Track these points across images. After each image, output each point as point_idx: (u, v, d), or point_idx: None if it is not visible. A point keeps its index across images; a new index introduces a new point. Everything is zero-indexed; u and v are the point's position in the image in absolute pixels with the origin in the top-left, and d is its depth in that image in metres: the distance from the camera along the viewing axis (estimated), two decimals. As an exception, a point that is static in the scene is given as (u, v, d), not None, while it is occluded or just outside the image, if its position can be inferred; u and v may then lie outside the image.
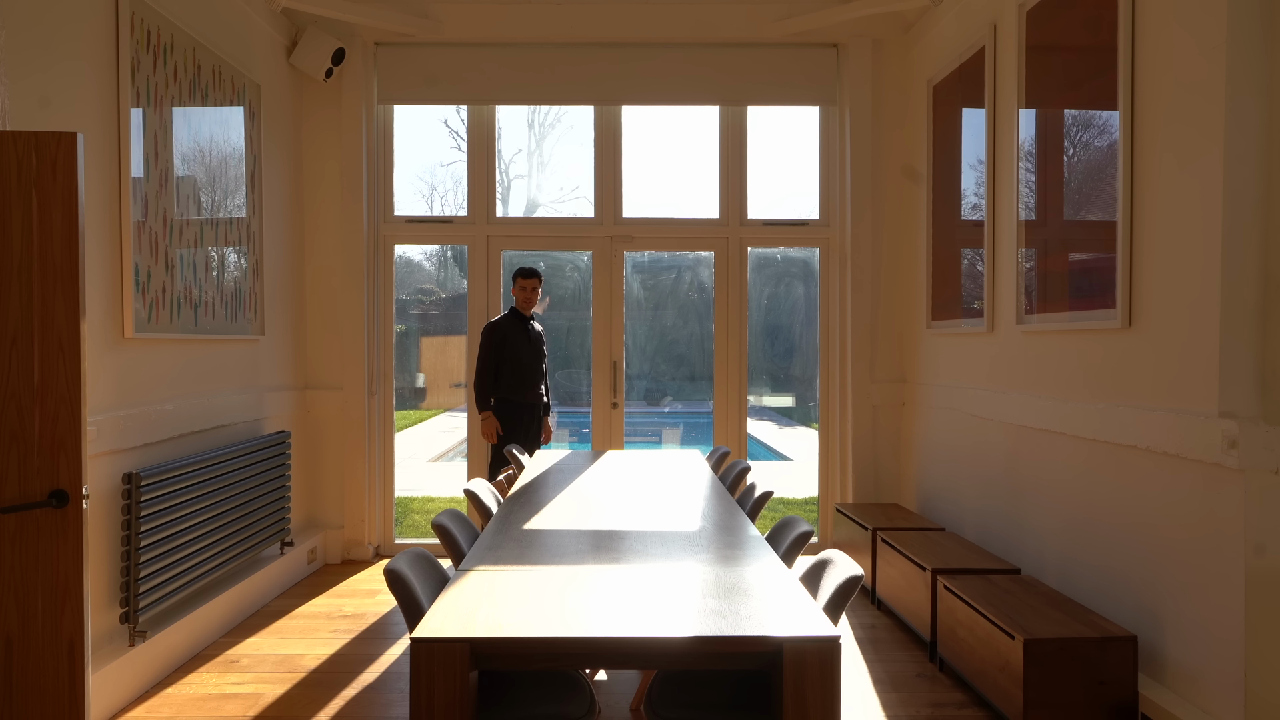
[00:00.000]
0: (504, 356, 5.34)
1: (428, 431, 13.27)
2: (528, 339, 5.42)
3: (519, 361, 5.36)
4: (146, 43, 3.81)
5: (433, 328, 10.10)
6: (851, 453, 5.95)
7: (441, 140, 6.68)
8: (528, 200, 7.18)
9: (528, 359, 5.39)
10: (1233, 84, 2.85)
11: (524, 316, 5.48)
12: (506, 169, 7.32)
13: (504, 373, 5.34)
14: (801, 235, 6.15)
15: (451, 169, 6.85)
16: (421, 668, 2.04)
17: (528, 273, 5.42)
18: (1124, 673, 3.18)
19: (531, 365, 5.41)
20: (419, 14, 5.72)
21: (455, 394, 10.15)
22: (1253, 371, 2.87)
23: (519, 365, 5.36)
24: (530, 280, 5.42)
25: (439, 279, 9.87)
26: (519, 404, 5.38)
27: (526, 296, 5.43)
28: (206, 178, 4.39)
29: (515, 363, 5.35)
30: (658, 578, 2.53)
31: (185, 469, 3.94)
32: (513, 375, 5.35)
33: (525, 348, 5.39)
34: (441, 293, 9.69)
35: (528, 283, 5.42)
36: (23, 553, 2.51)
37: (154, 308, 3.87)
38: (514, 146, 7.41)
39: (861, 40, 5.83)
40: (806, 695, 2.04)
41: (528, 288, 5.42)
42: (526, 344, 5.40)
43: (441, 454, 11.55)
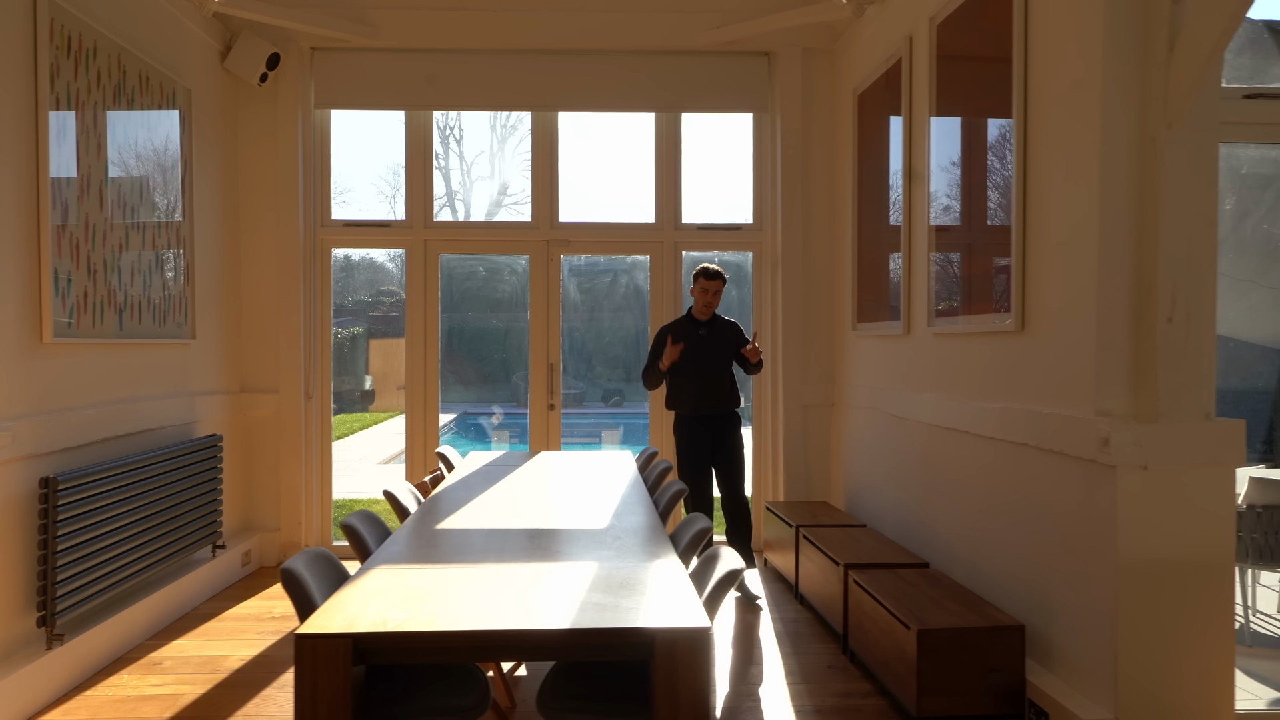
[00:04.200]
0: (673, 365, 4.99)
1: (382, 433, 13.26)
2: (700, 343, 5.02)
3: (689, 365, 4.98)
4: (67, 48, 3.83)
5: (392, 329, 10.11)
6: (783, 452, 6.08)
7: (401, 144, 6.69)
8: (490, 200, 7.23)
9: (701, 363, 4.98)
10: (1106, 100, 3.00)
11: (698, 321, 5.09)
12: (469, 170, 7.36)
13: (671, 383, 5.07)
14: (735, 240, 6.28)
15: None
16: (305, 663, 2.11)
17: (711, 274, 5.01)
18: (1013, 660, 3.33)
19: (701, 369, 4.98)
20: (356, 20, 5.76)
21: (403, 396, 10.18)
22: (1126, 373, 3.03)
23: (687, 373, 4.99)
24: (714, 282, 5.00)
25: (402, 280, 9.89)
26: (687, 419, 5.06)
27: (708, 300, 5.02)
28: (134, 182, 4.41)
29: (683, 367, 4.99)
30: (553, 575, 2.62)
31: (106, 473, 3.96)
32: (681, 385, 5.03)
33: (697, 351, 4.99)
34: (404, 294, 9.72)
35: (710, 285, 5.00)
36: (-78, 556, 2.54)
37: (75, 312, 3.89)
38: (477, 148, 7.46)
39: (792, 49, 5.96)
40: (678, 683, 2.15)
41: (709, 290, 5.00)
42: (698, 347, 5.00)
43: (393, 456, 11.55)
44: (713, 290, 5.00)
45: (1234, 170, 3.44)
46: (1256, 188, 3.90)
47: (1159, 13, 2.91)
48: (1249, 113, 3.18)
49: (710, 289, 5.00)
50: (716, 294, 5.02)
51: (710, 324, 5.10)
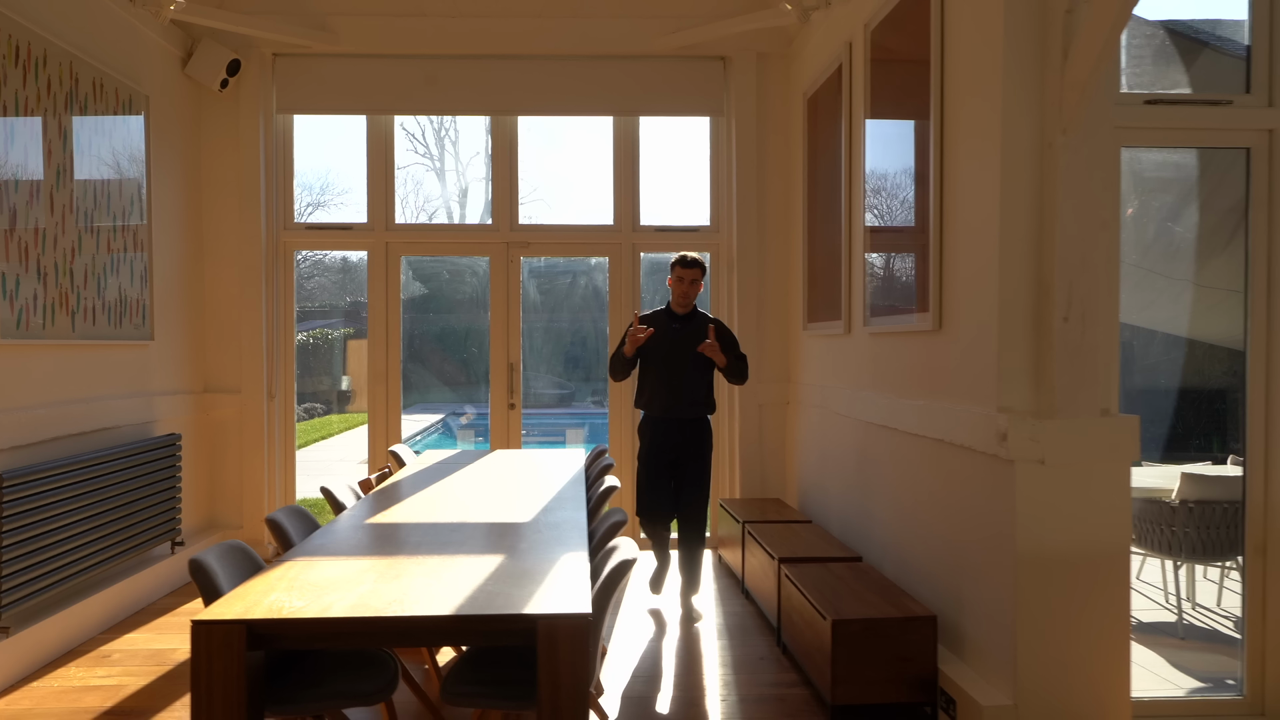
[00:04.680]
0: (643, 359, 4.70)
1: (364, 434, 13.35)
2: (673, 336, 4.64)
3: (658, 360, 4.66)
4: (15, 57, 3.94)
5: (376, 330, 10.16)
6: (739, 450, 6.18)
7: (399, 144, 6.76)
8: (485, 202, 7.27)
9: (671, 359, 4.63)
10: (1007, 107, 3.10)
11: (675, 314, 4.72)
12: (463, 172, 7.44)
13: (641, 379, 4.77)
14: (693, 241, 6.37)
15: (410, 171, 6.97)
16: (201, 648, 2.21)
17: (688, 261, 4.64)
18: (925, 650, 3.42)
19: (673, 367, 4.64)
20: (316, 26, 5.87)
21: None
22: (1027, 371, 3.13)
23: (656, 371, 4.68)
24: (690, 270, 4.62)
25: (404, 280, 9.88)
26: (653, 421, 4.74)
27: (684, 290, 4.65)
28: (89, 187, 4.52)
29: (654, 364, 4.68)
30: (460, 566, 2.72)
31: (56, 470, 4.07)
32: (649, 383, 4.71)
33: (669, 346, 4.63)
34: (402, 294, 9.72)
35: (686, 273, 4.62)
36: None
37: (24, 314, 3.99)
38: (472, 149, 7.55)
39: (746, 54, 6.07)
40: (559, 665, 2.25)
41: (686, 279, 4.63)
42: (669, 343, 4.64)
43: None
44: (689, 279, 4.61)
45: (1137, 174, 3.54)
46: (1161, 190, 4.00)
47: (1055, 22, 3.01)
48: (1150, 118, 3.28)
49: (687, 277, 4.61)
50: (694, 283, 4.63)
51: (688, 319, 4.70)
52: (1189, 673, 3.81)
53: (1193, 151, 3.49)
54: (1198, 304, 4.97)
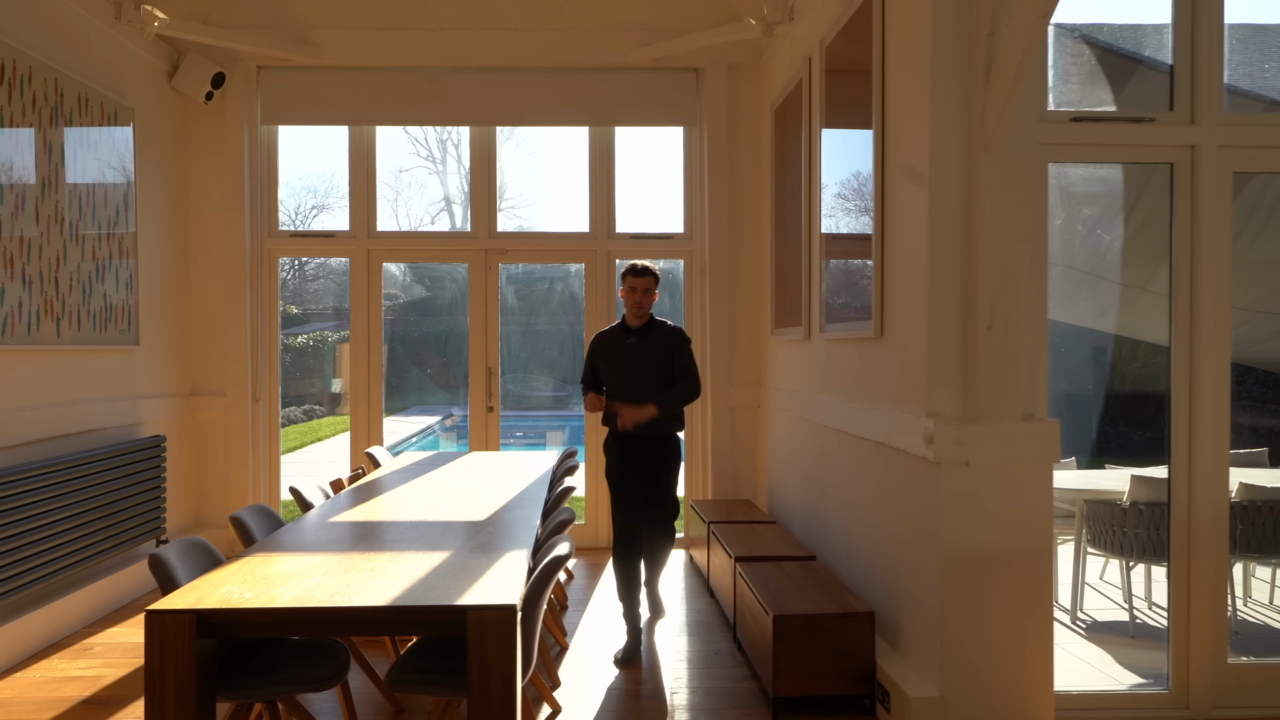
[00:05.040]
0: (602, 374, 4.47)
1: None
2: (629, 353, 4.37)
3: (615, 381, 4.39)
4: (0, 74, 4.12)
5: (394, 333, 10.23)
6: (711, 452, 6.34)
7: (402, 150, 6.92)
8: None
9: (627, 378, 4.34)
10: (935, 124, 3.25)
11: (629, 328, 4.42)
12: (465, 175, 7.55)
13: (607, 397, 4.43)
14: (667, 248, 6.53)
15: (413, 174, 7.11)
16: (154, 636, 2.38)
17: (638, 270, 4.36)
18: (863, 645, 3.57)
19: (627, 385, 4.34)
20: (299, 40, 6.04)
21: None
22: (954, 377, 3.28)
23: (617, 389, 4.38)
24: (642, 279, 4.34)
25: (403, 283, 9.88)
26: (618, 439, 4.40)
27: (637, 301, 4.35)
28: (73, 198, 4.69)
29: (611, 383, 4.41)
30: (407, 561, 2.88)
31: (40, 470, 4.24)
32: (614, 396, 4.39)
33: (625, 364, 4.36)
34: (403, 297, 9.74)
35: (638, 282, 4.34)
36: None
37: (8, 321, 4.17)
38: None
39: (718, 66, 6.23)
40: (487, 652, 2.41)
41: (638, 289, 4.34)
42: (626, 359, 4.37)
43: (367, 457, 11.79)
44: (641, 289, 4.33)
45: (1064, 188, 3.69)
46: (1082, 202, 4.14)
47: (978, 44, 3.17)
48: (1077, 135, 3.42)
49: (639, 287, 4.33)
50: (647, 293, 4.34)
51: (644, 331, 4.40)
52: (1135, 670, 3.94)
53: (1118, 166, 3.64)
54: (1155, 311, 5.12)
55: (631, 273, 4.36)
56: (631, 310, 4.37)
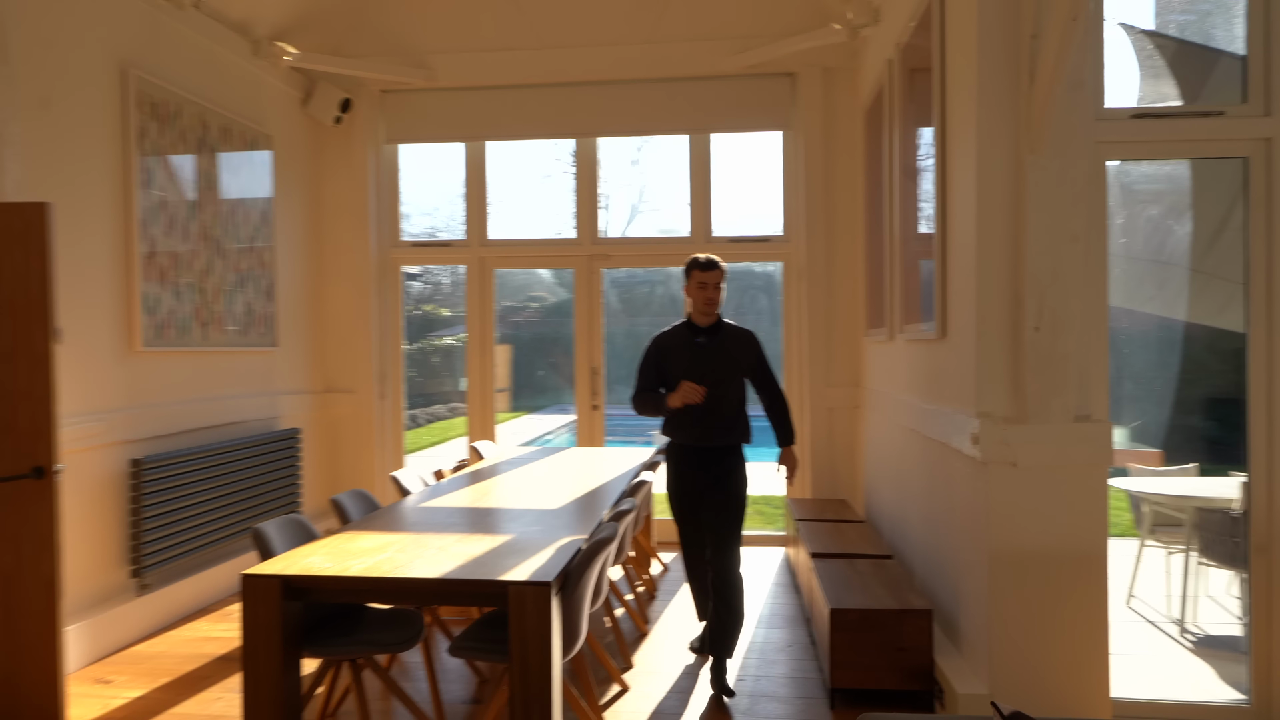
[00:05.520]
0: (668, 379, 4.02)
1: (503, 432, 14.25)
2: (698, 354, 3.96)
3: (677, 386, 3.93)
4: (154, 113, 4.74)
5: (535, 334, 10.75)
6: (810, 452, 6.41)
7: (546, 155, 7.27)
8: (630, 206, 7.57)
9: (698, 382, 3.90)
10: (981, 127, 3.28)
11: (696, 327, 4.02)
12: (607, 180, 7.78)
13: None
14: (765, 250, 6.65)
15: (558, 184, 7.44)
16: (249, 596, 2.78)
17: (705, 263, 3.96)
18: (921, 641, 3.62)
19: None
20: (417, 65, 6.55)
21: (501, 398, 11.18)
22: (1004, 378, 3.29)
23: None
24: (711, 273, 3.94)
25: (551, 285, 10.11)
26: (679, 450, 4.02)
27: (707, 297, 3.95)
28: (217, 217, 5.32)
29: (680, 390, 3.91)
30: (473, 543, 3.19)
31: (189, 457, 4.85)
32: (675, 410, 3.97)
33: (695, 366, 3.94)
34: (550, 298, 9.99)
35: (708, 276, 3.94)
36: (15, 512, 3.40)
37: (162, 327, 4.79)
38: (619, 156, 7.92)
39: (812, 70, 6.30)
40: (526, 623, 2.67)
41: (708, 284, 3.94)
42: (696, 361, 3.95)
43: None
44: (713, 283, 3.93)
45: (1125, 185, 3.59)
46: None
47: (1023, 46, 3.18)
48: (1138, 132, 3.34)
49: (711, 281, 3.93)
50: (717, 288, 3.95)
51: (713, 331, 4.00)
52: (1239, 687, 3.77)
53: (1185, 162, 3.53)
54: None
55: (700, 266, 3.94)
56: (701, 308, 3.96)
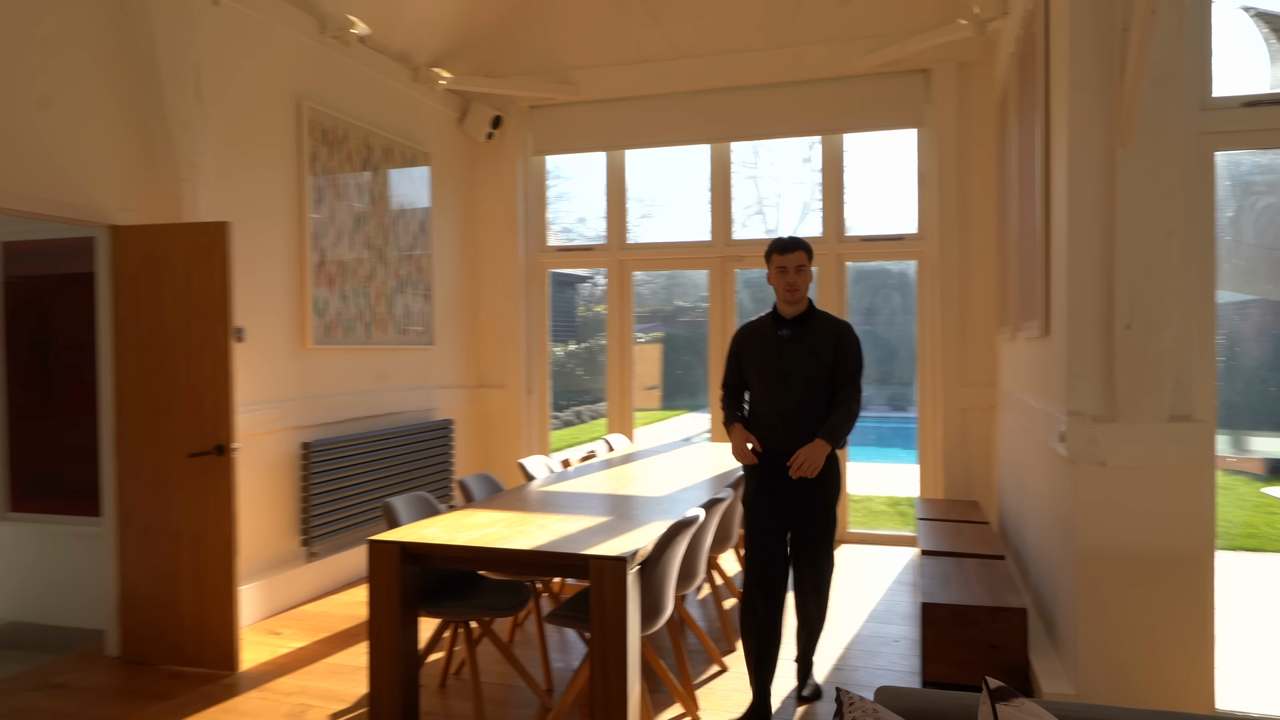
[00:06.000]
0: (747, 375, 3.64)
1: (661, 429, 14.69)
2: (781, 348, 3.51)
3: (763, 384, 3.55)
4: (324, 138, 5.39)
5: (695, 335, 10.92)
6: (942, 453, 6.34)
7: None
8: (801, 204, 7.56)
9: (779, 379, 3.49)
10: (1073, 121, 3.25)
11: (781, 318, 3.55)
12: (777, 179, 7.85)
13: (751, 404, 3.66)
14: (898, 249, 6.62)
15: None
16: (373, 560, 3.21)
17: (784, 245, 3.49)
18: (1015, 640, 3.61)
19: (780, 390, 3.49)
20: (561, 81, 6.99)
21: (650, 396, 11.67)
22: (1096, 375, 3.25)
23: (761, 389, 3.56)
24: (791, 255, 3.47)
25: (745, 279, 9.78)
26: (762, 455, 3.53)
27: (789, 283, 3.48)
28: (379, 228, 5.94)
29: (758, 385, 3.58)
30: (572, 523, 3.50)
31: (351, 442, 5.47)
32: (756, 408, 3.61)
33: (776, 362, 3.51)
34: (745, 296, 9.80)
35: (788, 259, 3.47)
36: (201, 483, 4.03)
37: (330, 327, 5.44)
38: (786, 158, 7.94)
39: (947, 65, 6.22)
40: (604, 593, 2.95)
41: (789, 267, 3.47)
42: (778, 356, 3.51)
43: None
44: (793, 266, 3.45)
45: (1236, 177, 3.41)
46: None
47: (1114, 40, 3.13)
48: (1249, 120, 3.18)
49: (790, 264, 3.46)
50: (800, 271, 3.46)
51: (800, 323, 3.51)
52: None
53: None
54: None
55: (779, 248, 3.48)
56: (783, 294, 3.49)
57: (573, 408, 14.11)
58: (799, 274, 3.47)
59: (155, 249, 4.05)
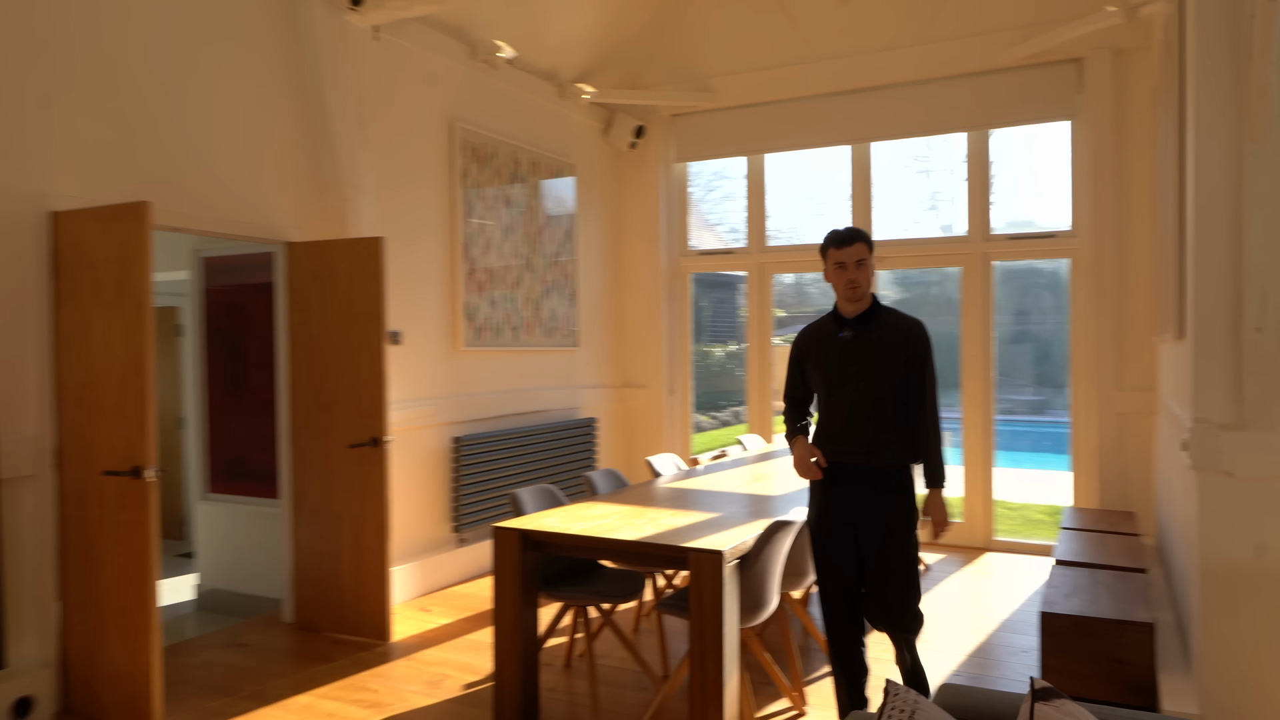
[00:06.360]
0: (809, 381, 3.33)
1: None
2: (842, 352, 3.19)
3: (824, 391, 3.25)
4: (474, 155, 5.82)
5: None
6: (1098, 460, 6.05)
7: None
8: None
9: (839, 386, 3.18)
10: (1199, 117, 3.10)
11: (842, 318, 3.22)
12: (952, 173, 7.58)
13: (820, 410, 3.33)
14: (1049, 247, 6.36)
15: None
16: (497, 545, 3.51)
17: (842, 237, 3.14)
18: (1141, 655, 3.46)
19: (844, 397, 3.18)
20: (702, 89, 7.17)
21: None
22: (1224, 381, 3.08)
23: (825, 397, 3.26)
24: (848, 249, 3.12)
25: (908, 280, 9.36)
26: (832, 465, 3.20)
27: (849, 280, 3.13)
28: (527, 237, 6.34)
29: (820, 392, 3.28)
30: (682, 517, 3.67)
31: (499, 437, 5.88)
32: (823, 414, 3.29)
33: (836, 367, 3.19)
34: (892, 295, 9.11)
35: (845, 253, 3.12)
36: (359, 470, 4.50)
37: (480, 330, 5.86)
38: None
39: (1101, 53, 5.93)
40: (702, 584, 3.11)
41: (848, 262, 3.12)
42: (838, 361, 3.19)
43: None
44: (853, 260, 3.11)
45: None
46: None
47: (1242, 28, 2.96)
48: None
49: (849, 259, 3.11)
50: (861, 265, 3.11)
51: (864, 321, 3.18)
52: None
53: None
54: None
55: (834, 241, 3.14)
56: (843, 292, 3.15)
57: (731, 408, 14.22)
58: (859, 269, 3.13)
59: (321, 262, 4.56)
